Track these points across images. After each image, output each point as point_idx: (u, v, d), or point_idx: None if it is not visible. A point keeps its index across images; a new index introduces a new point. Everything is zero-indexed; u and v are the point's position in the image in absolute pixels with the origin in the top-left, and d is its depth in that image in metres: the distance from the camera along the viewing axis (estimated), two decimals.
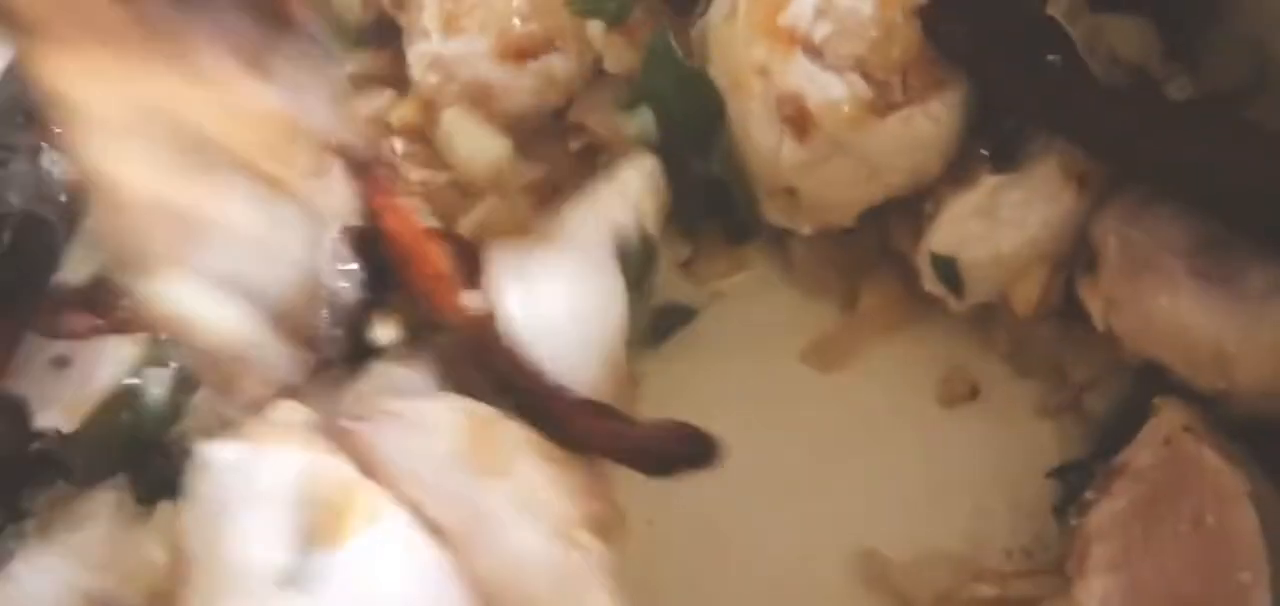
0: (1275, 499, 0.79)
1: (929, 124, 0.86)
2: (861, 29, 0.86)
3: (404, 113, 0.92)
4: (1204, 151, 0.81)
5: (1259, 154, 0.80)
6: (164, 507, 0.80)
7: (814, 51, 0.86)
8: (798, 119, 0.86)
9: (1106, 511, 0.82)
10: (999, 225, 0.87)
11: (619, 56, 0.91)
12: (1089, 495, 0.83)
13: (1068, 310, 0.88)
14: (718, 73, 0.89)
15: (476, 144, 0.91)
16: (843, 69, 0.86)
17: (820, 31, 0.86)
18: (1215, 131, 0.82)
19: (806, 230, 0.91)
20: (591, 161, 0.92)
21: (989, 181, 0.87)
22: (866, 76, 0.86)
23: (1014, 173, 0.86)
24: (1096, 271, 0.85)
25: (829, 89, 0.85)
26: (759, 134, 0.87)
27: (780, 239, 0.94)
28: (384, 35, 0.94)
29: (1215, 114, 0.84)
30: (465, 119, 0.91)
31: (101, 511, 0.82)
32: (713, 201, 0.91)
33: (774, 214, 0.91)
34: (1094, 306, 0.86)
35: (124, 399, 0.82)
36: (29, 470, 0.83)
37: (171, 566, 0.75)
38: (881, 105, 0.86)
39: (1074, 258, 0.87)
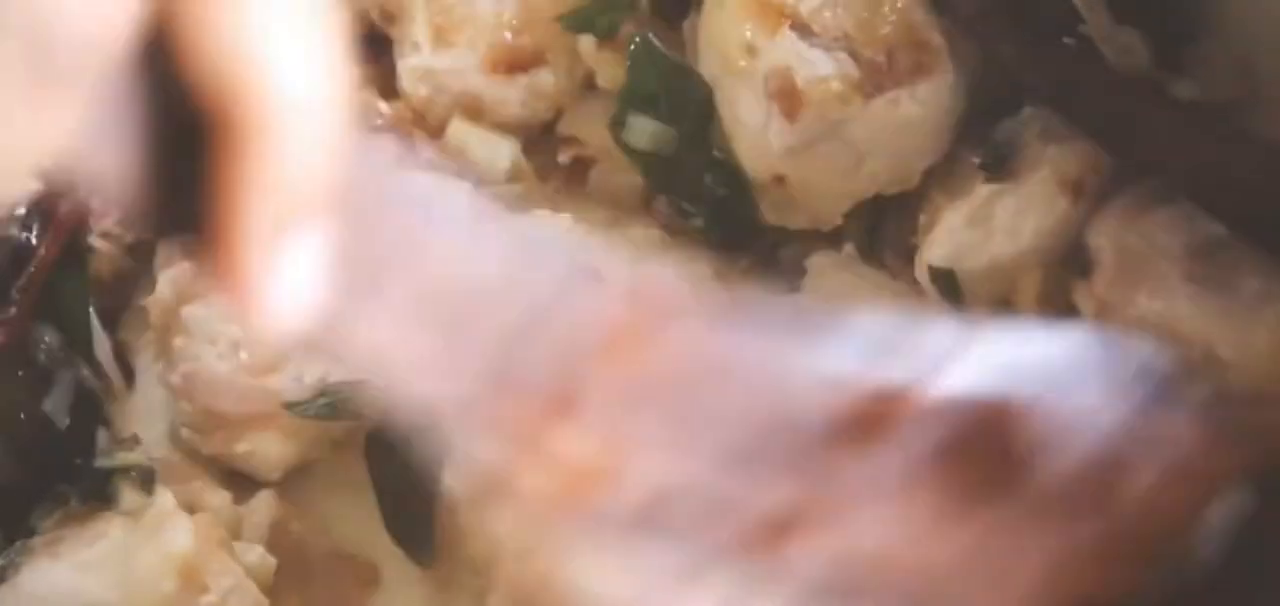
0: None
1: (916, 108, 0.86)
2: (849, 5, 0.86)
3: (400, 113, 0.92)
4: (1209, 150, 0.82)
5: (1261, 158, 0.81)
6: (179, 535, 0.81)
7: (802, 27, 0.86)
8: (785, 95, 0.86)
9: None
10: (993, 234, 0.87)
11: (609, 72, 0.91)
12: None
13: (1059, 315, 0.88)
14: (707, 62, 0.89)
15: (489, 148, 0.91)
16: (831, 46, 0.86)
17: (808, 5, 0.86)
18: (1219, 132, 0.83)
19: (800, 224, 0.91)
20: (582, 174, 0.93)
21: (982, 190, 0.87)
22: (854, 56, 0.86)
23: (1007, 181, 0.86)
24: (1089, 276, 0.85)
25: (817, 65, 0.85)
26: (747, 115, 0.87)
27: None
28: (374, 47, 0.93)
29: (1219, 116, 0.85)
30: (472, 128, 0.91)
31: (113, 530, 0.82)
32: (712, 211, 0.91)
33: (769, 211, 0.91)
34: (1087, 310, 0.86)
35: None
36: (39, 489, 0.84)
37: None
38: (869, 86, 0.86)
39: (1067, 262, 0.87)
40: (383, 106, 0.89)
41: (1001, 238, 0.86)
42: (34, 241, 0.86)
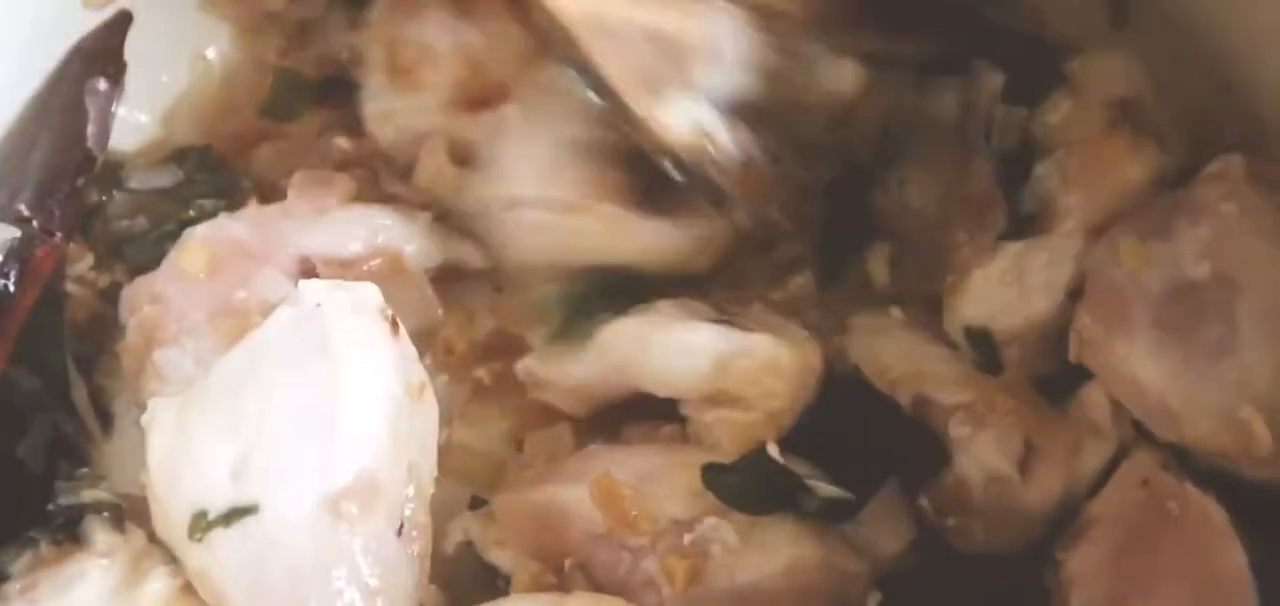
0: (1250, 538, 0.78)
1: None
2: None
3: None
4: None
5: None
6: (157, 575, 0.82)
7: None
8: None
9: (1083, 559, 0.81)
10: (1029, 293, 0.85)
11: None
12: (1059, 548, 0.83)
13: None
14: None
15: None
16: None
17: None
18: None
19: None
20: None
21: (1011, 248, 0.86)
22: None
23: (1036, 236, 0.86)
24: (1079, 301, 0.84)
25: None
26: None
27: None
28: (340, 90, 0.93)
29: None
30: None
31: (91, 573, 0.83)
32: None
33: None
34: (1072, 339, 0.84)
35: None
36: (8, 534, 0.85)
37: None
38: None
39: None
40: (342, 143, 0.89)
41: (1037, 296, 0.85)
42: (11, 287, 0.87)
